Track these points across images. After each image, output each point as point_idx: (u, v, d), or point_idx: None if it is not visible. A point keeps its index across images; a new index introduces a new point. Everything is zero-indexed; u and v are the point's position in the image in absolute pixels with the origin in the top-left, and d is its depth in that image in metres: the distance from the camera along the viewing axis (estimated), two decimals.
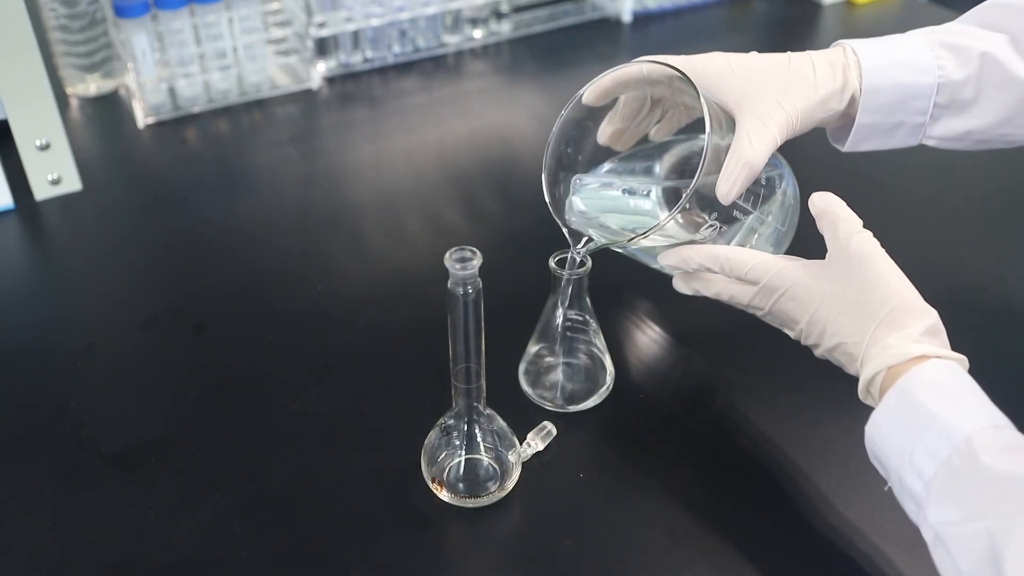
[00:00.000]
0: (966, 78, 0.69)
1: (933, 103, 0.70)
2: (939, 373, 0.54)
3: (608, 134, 0.75)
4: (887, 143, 0.73)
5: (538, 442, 0.70)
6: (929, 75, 0.69)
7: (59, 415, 0.74)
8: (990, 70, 0.68)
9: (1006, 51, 0.68)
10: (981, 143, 0.72)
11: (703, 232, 0.66)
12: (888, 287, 0.58)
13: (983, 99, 0.69)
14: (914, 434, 0.52)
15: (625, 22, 1.35)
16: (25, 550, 0.64)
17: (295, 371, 0.78)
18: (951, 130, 0.71)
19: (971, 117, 0.70)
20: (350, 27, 1.19)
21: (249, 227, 0.96)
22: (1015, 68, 0.68)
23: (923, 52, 0.69)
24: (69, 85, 1.18)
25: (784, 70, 0.68)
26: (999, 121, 0.69)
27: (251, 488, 0.68)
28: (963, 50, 0.69)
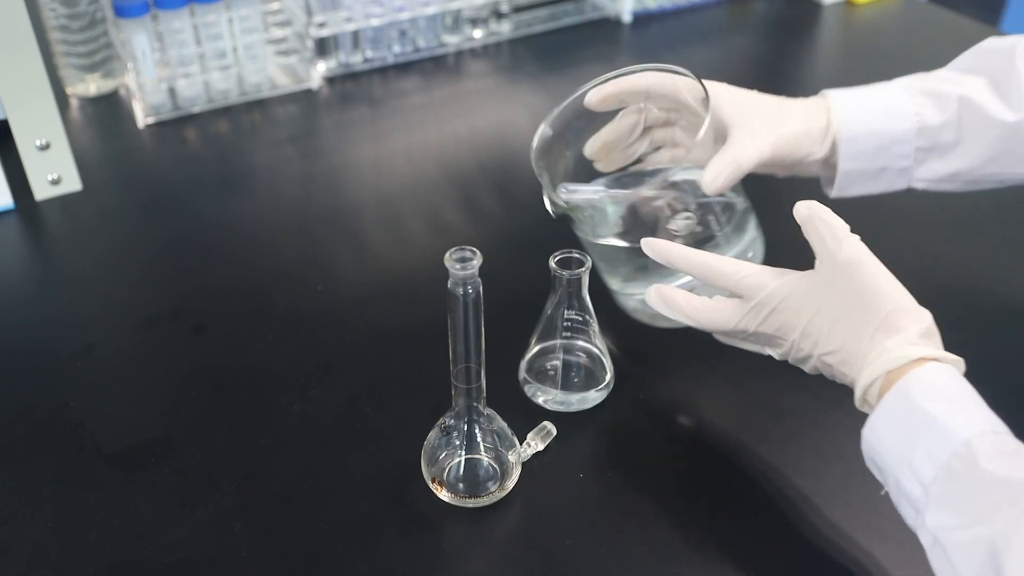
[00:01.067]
0: (945, 122, 0.71)
1: (915, 147, 0.72)
2: (938, 376, 0.54)
3: (596, 147, 0.76)
4: (875, 187, 0.75)
5: (538, 442, 0.70)
6: (907, 121, 0.72)
7: (59, 415, 0.74)
8: (968, 113, 0.71)
9: (984, 94, 0.70)
10: (972, 183, 0.73)
11: (679, 222, 0.69)
12: (882, 291, 0.57)
13: (964, 141, 0.71)
14: (913, 438, 0.52)
15: (625, 22, 1.35)
16: (25, 550, 0.64)
17: (295, 371, 0.78)
18: (937, 172, 0.73)
19: (955, 159, 0.72)
20: (350, 27, 1.19)
21: (249, 227, 0.96)
22: (993, 109, 0.70)
23: (901, 99, 0.73)
24: (69, 85, 1.18)
25: (777, 105, 0.74)
26: (983, 161, 0.71)
27: (251, 488, 0.69)
28: (941, 95, 0.72)
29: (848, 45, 1.35)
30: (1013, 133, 0.70)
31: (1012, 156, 0.71)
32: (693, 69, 0.75)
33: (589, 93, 0.74)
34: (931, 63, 1.14)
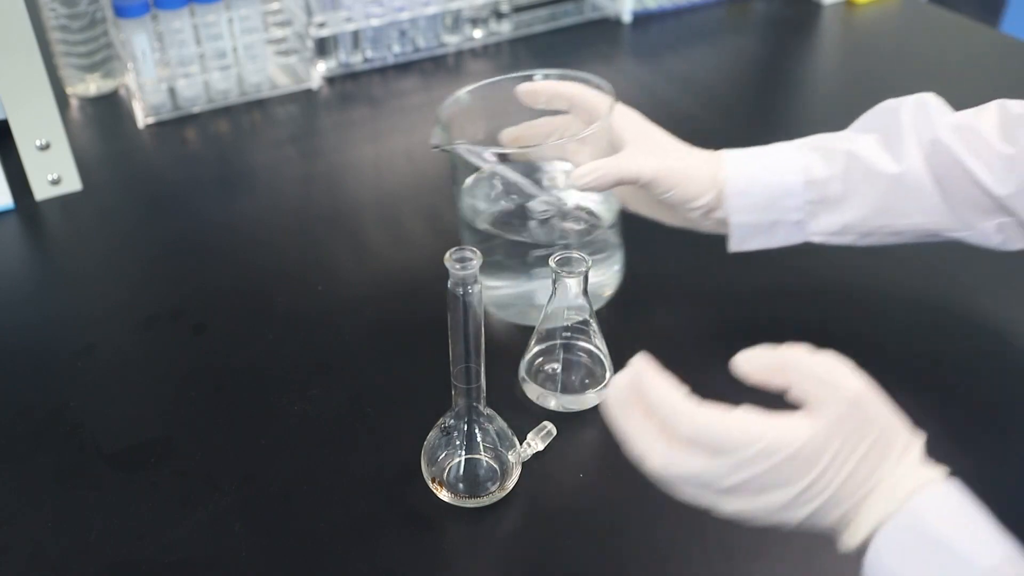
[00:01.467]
0: (831, 175, 0.72)
1: (805, 200, 0.73)
2: (947, 499, 0.49)
3: (510, 137, 0.79)
4: (772, 241, 0.76)
5: (538, 442, 0.70)
6: (795, 174, 0.73)
7: (59, 415, 0.74)
8: (854, 166, 0.72)
9: (872, 148, 0.72)
10: (866, 236, 0.74)
11: (537, 204, 0.75)
12: (893, 421, 0.51)
13: (852, 194, 0.72)
14: (932, 567, 0.47)
15: (625, 22, 1.35)
16: (25, 550, 0.64)
17: (295, 371, 0.78)
18: (830, 225, 0.73)
19: (844, 211, 0.73)
20: (350, 27, 1.19)
21: (249, 227, 0.96)
22: (879, 163, 0.71)
23: (790, 154, 0.74)
24: (69, 85, 1.18)
25: (675, 144, 0.76)
26: (871, 213, 0.72)
27: (251, 488, 0.68)
28: (829, 150, 0.73)
29: (848, 45, 1.35)
30: (897, 184, 0.70)
31: (899, 207, 0.71)
32: (693, 69, 0.76)
33: (521, 85, 0.78)
34: (931, 63, 1.15)
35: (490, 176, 0.79)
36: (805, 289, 0.85)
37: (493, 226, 0.78)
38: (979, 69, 1.25)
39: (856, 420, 0.50)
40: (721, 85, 1.22)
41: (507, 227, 0.78)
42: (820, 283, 0.86)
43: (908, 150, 0.71)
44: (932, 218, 0.71)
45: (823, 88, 1.26)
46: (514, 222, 0.78)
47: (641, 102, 1.17)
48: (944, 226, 0.72)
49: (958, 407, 0.74)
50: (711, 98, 1.18)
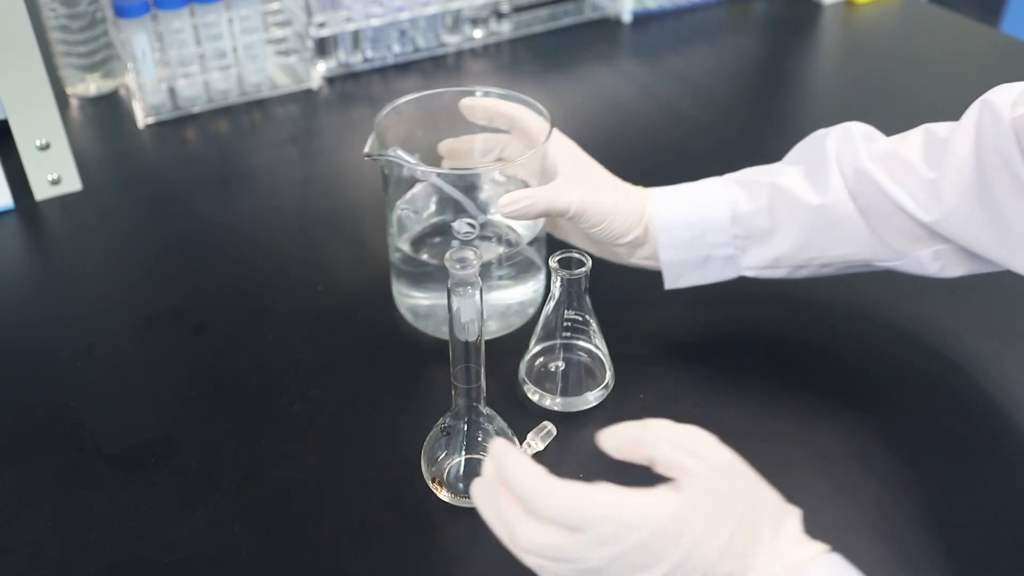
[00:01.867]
0: (756, 208, 0.72)
1: (732, 235, 0.73)
2: (835, 569, 0.49)
3: (447, 148, 0.80)
4: (705, 277, 0.75)
5: (538, 442, 0.70)
6: (719, 209, 0.72)
7: (59, 415, 0.74)
8: (778, 198, 0.71)
9: (796, 180, 0.71)
10: (800, 269, 0.73)
11: (462, 224, 0.75)
12: (763, 490, 0.51)
13: (778, 227, 0.71)
14: None
15: (625, 22, 1.35)
16: (25, 550, 0.64)
17: (295, 371, 0.78)
18: (760, 259, 0.73)
19: (773, 245, 0.72)
20: (350, 27, 1.19)
21: (249, 227, 0.96)
22: (803, 194, 0.70)
23: (713, 190, 0.73)
24: (69, 85, 1.18)
25: (607, 178, 0.75)
26: (800, 245, 0.71)
27: (251, 488, 0.68)
28: (753, 184, 0.73)
29: (848, 45, 1.35)
30: (822, 215, 0.70)
31: (826, 239, 0.71)
32: (693, 69, 0.76)
33: (464, 100, 0.77)
34: (931, 63, 1.15)
35: (422, 190, 0.79)
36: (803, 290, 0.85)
37: (417, 241, 0.79)
38: (979, 69, 1.25)
39: (725, 491, 0.49)
40: (721, 85, 1.22)
41: (430, 244, 0.79)
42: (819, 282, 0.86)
43: (832, 180, 0.70)
44: (861, 248, 0.70)
45: (823, 88, 1.26)
46: (438, 238, 0.79)
47: (641, 102, 1.17)
48: (875, 256, 0.70)
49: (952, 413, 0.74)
50: (711, 98, 1.18)
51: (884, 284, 0.86)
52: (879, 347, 0.80)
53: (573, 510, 0.48)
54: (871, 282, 0.86)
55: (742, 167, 0.76)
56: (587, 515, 0.47)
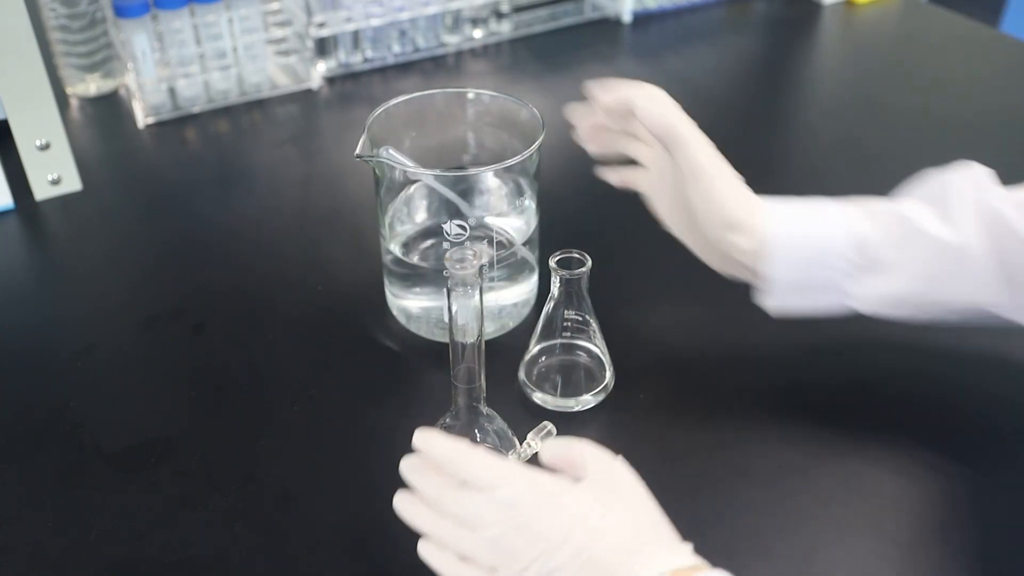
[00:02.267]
0: (881, 238, 0.67)
1: (852, 263, 0.67)
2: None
3: (587, 128, 0.76)
4: (814, 303, 0.69)
5: (538, 442, 0.70)
6: (841, 230, 0.67)
7: (59, 415, 0.74)
8: (906, 229, 0.66)
9: (924, 213, 0.67)
10: (917, 309, 0.68)
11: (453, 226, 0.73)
12: (653, 511, 0.54)
13: (903, 260, 0.66)
14: None
15: (625, 22, 1.35)
16: (25, 550, 0.64)
17: (295, 371, 0.78)
18: (877, 293, 0.68)
19: (893, 279, 0.67)
20: (350, 27, 1.19)
21: (249, 227, 0.96)
22: (932, 227, 0.66)
23: (832, 210, 0.68)
24: (69, 85, 1.18)
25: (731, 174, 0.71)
26: (923, 283, 0.66)
27: (251, 488, 0.68)
28: (877, 212, 0.68)
29: (848, 45, 1.35)
30: (951, 253, 0.65)
31: (954, 280, 0.66)
32: (693, 69, 0.75)
33: (598, 92, 0.74)
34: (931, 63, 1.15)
35: (414, 191, 0.80)
36: None
37: (409, 243, 0.79)
38: (979, 69, 1.25)
39: (625, 492, 0.54)
40: (721, 85, 1.22)
41: (421, 246, 0.79)
42: None
43: (964, 218, 0.65)
44: (989, 296, 0.66)
45: (823, 88, 1.26)
46: (430, 240, 0.79)
47: None
48: (1000, 305, 0.66)
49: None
50: (711, 98, 1.18)
51: None
52: (879, 349, 0.80)
53: (487, 468, 0.53)
54: None
55: (742, 167, 0.76)
56: (498, 473, 0.53)
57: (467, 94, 0.79)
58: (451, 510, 0.54)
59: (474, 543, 0.53)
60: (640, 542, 0.52)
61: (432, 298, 0.78)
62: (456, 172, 0.77)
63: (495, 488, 0.53)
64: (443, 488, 0.55)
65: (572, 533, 0.51)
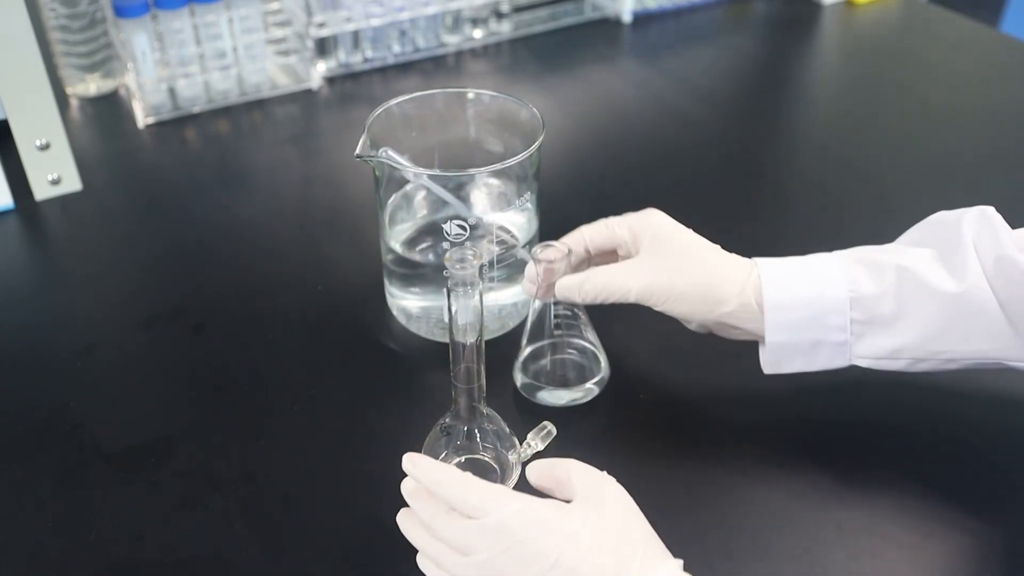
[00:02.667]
0: (881, 292, 0.64)
1: (850, 319, 0.65)
2: None
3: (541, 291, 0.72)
4: (812, 363, 0.68)
5: (538, 442, 0.70)
6: (839, 289, 0.65)
7: (59, 415, 0.74)
8: (908, 283, 0.64)
9: (929, 264, 0.64)
10: (921, 362, 0.66)
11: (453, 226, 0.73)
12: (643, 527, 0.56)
13: (905, 313, 0.64)
14: None
15: (625, 22, 1.35)
16: (25, 550, 0.64)
17: (295, 371, 0.78)
18: (879, 348, 0.66)
19: (896, 334, 0.65)
20: (350, 27, 1.19)
21: (249, 227, 0.96)
22: (936, 280, 0.63)
23: (831, 267, 0.66)
24: (69, 85, 1.18)
25: (700, 257, 0.69)
26: (928, 337, 0.64)
27: (251, 488, 0.68)
28: (877, 264, 0.65)
29: (848, 45, 1.35)
30: (956, 305, 0.63)
31: (958, 331, 0.64)
32: (693, 69, 0.75)
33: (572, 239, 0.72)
34: (931, 63, 1.15)
35: (413, 191, 0.79)
36: None
37: (409, 243, 0.79)
38: (979, 69, 1.25)
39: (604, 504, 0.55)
40: (721, 85, 1.22)
41: (421, 246, 0.79)
42: None
43: (970, 267, 0.62)
44: (998, 344, 0.63)
45: (823, 88, 1.26)
46: (429, 240, 0.79)
47: (641, 102, 1.17)
48: (1011, 354, 0.64)
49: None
50: (711, 98, 1.18)
51: None
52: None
53: (476, 495, 0.55)
54: None
55: (742, 167, 0.76)
56: (486, 499, 0.54)
57: (467, 94, 0.79)
58: (443, 534, 0.56)
59: (466, 568, 0.55)
60: (630, 560, 0.53)
61: (432, 298, 0.78)
62: (456, 172, 0.77)
63: (484, 514, 0.54)
64: (436, 513, 0.57)
65: (562, 554, 0.52)
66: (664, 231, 0.69)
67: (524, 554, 0.53)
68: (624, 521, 0.55)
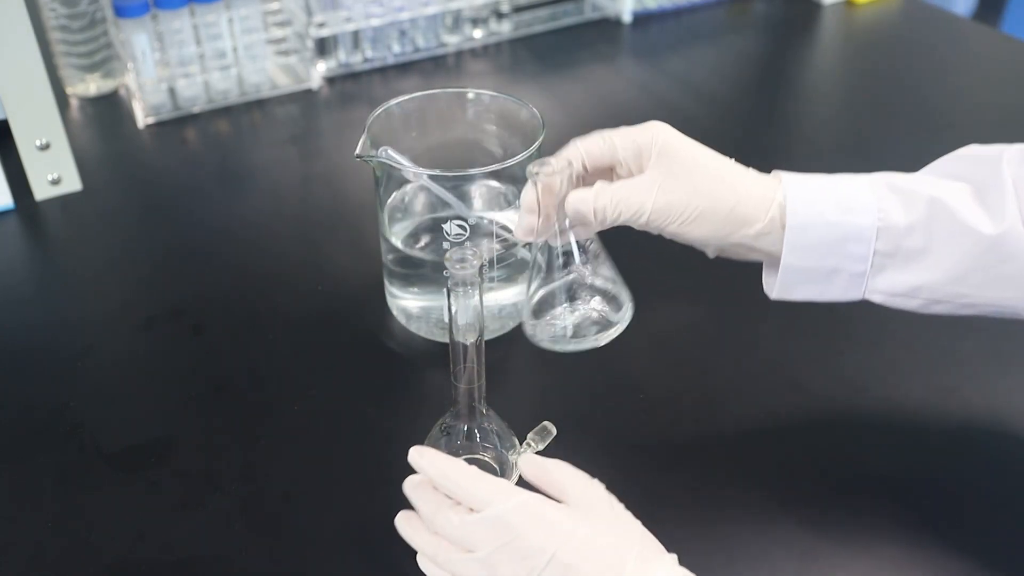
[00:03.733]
0: (911, 224, 0.59)
1: (874, 250, 0.60)
2: None
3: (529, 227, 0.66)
4: (825, 292, 0.63)
5: (538, 442, 0.70)
6: (867, 216, 0.60)
7: (59, 415, 0.74)
8: (941, 217, 0.59)
9: (964, 199, 0.59)
10: (936, 303, 0.61)
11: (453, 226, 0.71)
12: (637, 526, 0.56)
13: (934, 250, 0.59)
14: None
15: (625, 22, 1.34)
16: (25, 550, 0.64)
17: (295, 371, 0.78)
18: (898, 284, 0.61)
19: (920, 270, 0.60)
20: (350, 27, 1.19)
21: (249, 227, 0.96)
22: (972, 218, 0.58)
23: (862, 191, 0.61)
24: (69, 85, 1.18)
25: (718, 172, 0.62)
26: (953, 277, 0.59)
27: (251, 488, 0.68)
28: (910, 194, 0.60)
29: (848, 45, 1.35)
30: (989, 247, 0.58)
31: (986, 275, 0.59)
32: (693, 69, 0.75)
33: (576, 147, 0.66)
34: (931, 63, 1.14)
35: (413, 191, 0.79)
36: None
37: (408, 243, 0.79)
38: (979, 69, 1.25)
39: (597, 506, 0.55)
40: (721, 85, 1.22)
41: (421, 246, 0.78)
42: None
43: (1008, 208, 0.57)
44: (1022, 294, 0.59)
45: (823, 88, 1.26)
46: (429, 240, 0.79)
47: (641, 102, 1.17)
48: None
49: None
50: (711, 98, 1.18)
51: None
52: (881, 345, 0.80)
53: (478, 486, 0.55)
54: None
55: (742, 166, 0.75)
56: (488, 491, 0.55)
57: (467, 94, 0.79)
58: (444, 530, 0.56)
59: (466, 565, 0.55)
60: (627, 556, 0.53)
61: (432, 298, 0.78)
62: (456, 172, 0.77)
63: (486, 506, 0.54)
64: (438, 507, 0.57)
65: (560, 551, 0.52)
66: (673, 146, 0.62)
67: (522, 549, 0.53)
68: (619, 520, 0.56)
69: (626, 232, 0.84)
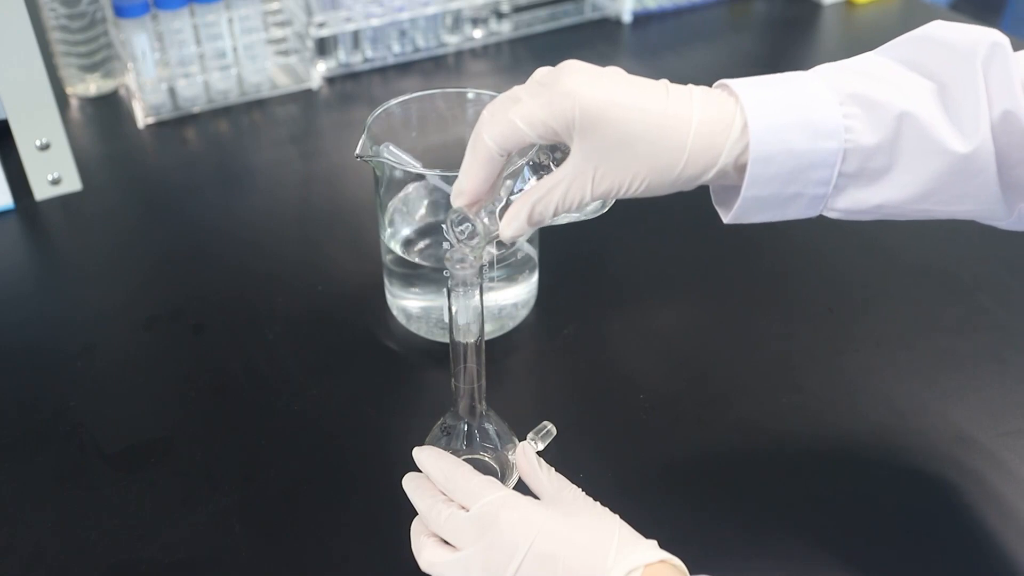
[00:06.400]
0: (879, 143, 0.54)
1: (838, 172, 0.55)
2: None
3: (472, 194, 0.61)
4: (780, 215, 0.57)
5: (538, 442, 0.70)
6: (833, 140, 0.54)
7: (59, 415, 0.74)
8: (909, 134, 0.53)
9: (930, 109, 0.54)
10: (894, 216, 0.57)
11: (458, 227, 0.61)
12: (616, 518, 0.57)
13: (898, 169, 0.54)
14: None
15: (625, 22, 1.35)
16: (25, 550, 0.64)
17: (295, 371, 0.78)
18: (859, 202, 0.56)
19: (883, 189, 0.55)
20: (350, 27, 1.19)
21: (249, 227, 0.96)
22: (939, 133, 0.53)
23: (828, 108, 0.55)
24: (69, 85, 1.18)
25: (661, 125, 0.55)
26: (917, 196, 0.55)
27: (251, 488, 0.68)
28: (878, 107, 0.54)
29: (848, 45, 1.35)
30: (959, 166, 0.53)
31: (950, 192, 0.54)
32: (693, 69, 0.75)
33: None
34: None
35: (413, 191, 0.80)
36: (809, 274, 0.85)
37: (409, 243, 0.79)
38: None
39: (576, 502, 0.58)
40: None
41: (421, 246, 0.79)
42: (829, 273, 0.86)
43: (982, 121, 0.52)
44: (982, 206, 0.55)
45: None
46: (430, 240, 0.79)
47: None
48: (989, 215, 0.56)
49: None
50: None
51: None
52: (881, 345, 0.80)
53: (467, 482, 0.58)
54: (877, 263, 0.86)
55: None
56: (476, 487, 0.57)
57: (467, 94, 0.79)
58: (435, 526, 0.59)
59: (454, 566, 0.57)
60: (608, 543, 0.55)
61: (432, 298, 0.78)
62: (455, 173, 0.77)
63: (474, 500, 0.57)
64: (432, 505, 0.59)
65: (544, 543, 0.54)
66: (594, 115, 0.55)
67: (507, 544, 0.54)
68: (598, 515, 0.57)
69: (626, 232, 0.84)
